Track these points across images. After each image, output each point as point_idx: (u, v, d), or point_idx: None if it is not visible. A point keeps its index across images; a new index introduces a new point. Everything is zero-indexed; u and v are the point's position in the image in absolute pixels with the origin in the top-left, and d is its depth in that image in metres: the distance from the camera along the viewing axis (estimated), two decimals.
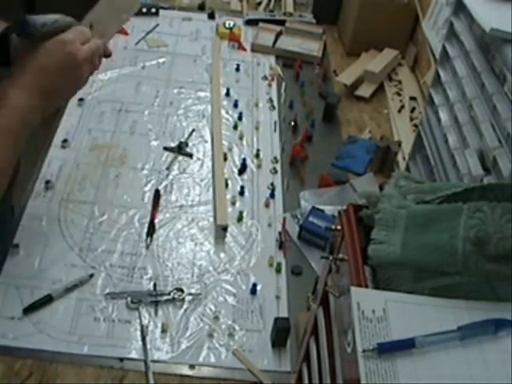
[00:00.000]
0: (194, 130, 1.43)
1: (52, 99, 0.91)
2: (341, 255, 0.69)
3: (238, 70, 1.66)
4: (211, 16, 1.87)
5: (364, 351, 0.56)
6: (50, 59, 0.88)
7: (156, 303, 1.04)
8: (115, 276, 1.08)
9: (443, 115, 1.12)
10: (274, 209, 1.26)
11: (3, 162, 0.85)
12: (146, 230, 1.17)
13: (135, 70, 1.61)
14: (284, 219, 1.22)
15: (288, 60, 1.72)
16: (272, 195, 1.28)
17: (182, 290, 1.06)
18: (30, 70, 0.87)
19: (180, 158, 1.35)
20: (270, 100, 1.56)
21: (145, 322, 1.01)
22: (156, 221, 1.19)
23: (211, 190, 1.28)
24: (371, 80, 1.65)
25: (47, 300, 1.01)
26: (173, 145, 1.38)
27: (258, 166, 1.36)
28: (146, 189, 1.26)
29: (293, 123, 1.48)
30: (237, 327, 1.03)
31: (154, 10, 1.83)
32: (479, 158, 0.96)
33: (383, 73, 1.67)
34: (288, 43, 1.77)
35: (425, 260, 0.62)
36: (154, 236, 1.16)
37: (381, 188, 1.27)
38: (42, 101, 0.88)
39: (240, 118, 1.48)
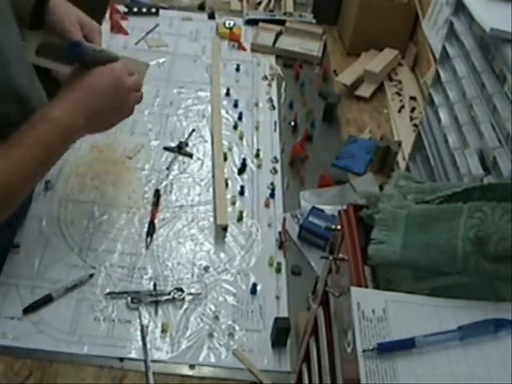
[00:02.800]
0: (194, 130, 1.43)
1: (97, 120, 0.94)
2: (341, 255, 0.69)
3: (238, 70, 1.66)
4: (211, 16, 1.87)
5: (364, 351, 0.56)
6: (99, 80, 0.91)
7: (156, 303, 1.04)
8: (115, 276, 1.08)
9: (443, 115, 1.12)
10: (274, 209, 1.26)
11: (35, 173, 0.89)
12: (145, 229, 1.17)
13: None
14: (284, 219, 1.22)
15: (288, 60, 1.71)
16: (272, 195, 1.28)
17: (182, 290, 1.06)
18: (78, 88, 0.90)
19: (180, 157, 1.35)
20: (270, 100, 1.56)
21: (145, 321, 1.01)
22: (156, 221, 1.19)
23: (211, 189, 1.28)
24: (371, 80, 1.65)
25: (47, 300, 1.01)
26: (173, 145, 1.38)
27: (258, 166, 1.36)
28: (146, 189, 1.26)
29: (293, 123, 1.47)
30: (237, 327, 1.03)
31: (154, 10, 1.83)
32: (479, 158, 0.96)
33: (383, 73, 1.67)
34: (288, 43, 1.77)
35: (425, 260, 0.62)
36: (154, 236, 1.16)
37: (381, 188, 1.27)
38: (86, 119, 0.91)
39: (240, 117, 1.48)
